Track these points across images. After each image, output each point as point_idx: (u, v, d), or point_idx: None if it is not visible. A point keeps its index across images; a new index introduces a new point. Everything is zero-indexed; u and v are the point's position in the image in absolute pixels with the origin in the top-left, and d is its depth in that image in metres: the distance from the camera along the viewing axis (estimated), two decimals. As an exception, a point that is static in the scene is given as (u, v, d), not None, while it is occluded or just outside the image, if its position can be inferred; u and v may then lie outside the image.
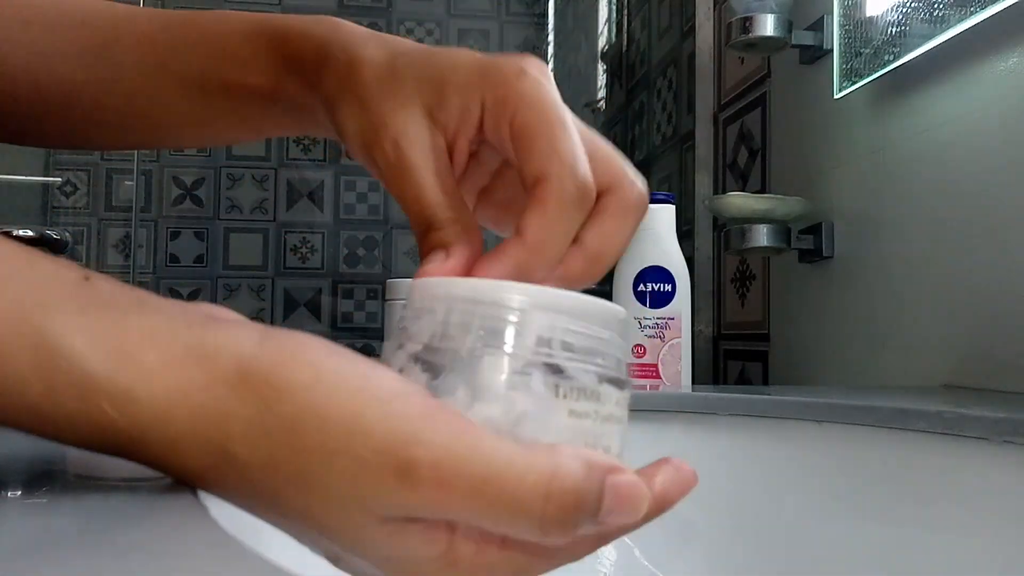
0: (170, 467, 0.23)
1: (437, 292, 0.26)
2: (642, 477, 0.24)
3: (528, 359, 0.25)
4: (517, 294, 0.25)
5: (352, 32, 0.35)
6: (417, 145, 0.32)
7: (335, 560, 0.25)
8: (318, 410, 0.22)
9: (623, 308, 0.28)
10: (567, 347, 0.25)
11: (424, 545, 0.23)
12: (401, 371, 0.26)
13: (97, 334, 0.22)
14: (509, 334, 0.25)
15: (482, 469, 0.21)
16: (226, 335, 0.23)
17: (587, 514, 0.22)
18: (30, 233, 1.27)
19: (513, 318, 0.25)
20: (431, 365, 0.25)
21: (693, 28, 1.33)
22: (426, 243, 0.31)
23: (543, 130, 0.30)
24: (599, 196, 0.31)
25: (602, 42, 1.98)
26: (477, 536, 0.23)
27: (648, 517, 0.25)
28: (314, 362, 0.22)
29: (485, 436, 0.22)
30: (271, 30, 0.37)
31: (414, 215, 0.32)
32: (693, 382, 0.91)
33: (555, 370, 0.25)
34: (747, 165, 1.19)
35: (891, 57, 0.80)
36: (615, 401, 0.26)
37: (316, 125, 0.37)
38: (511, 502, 0.21)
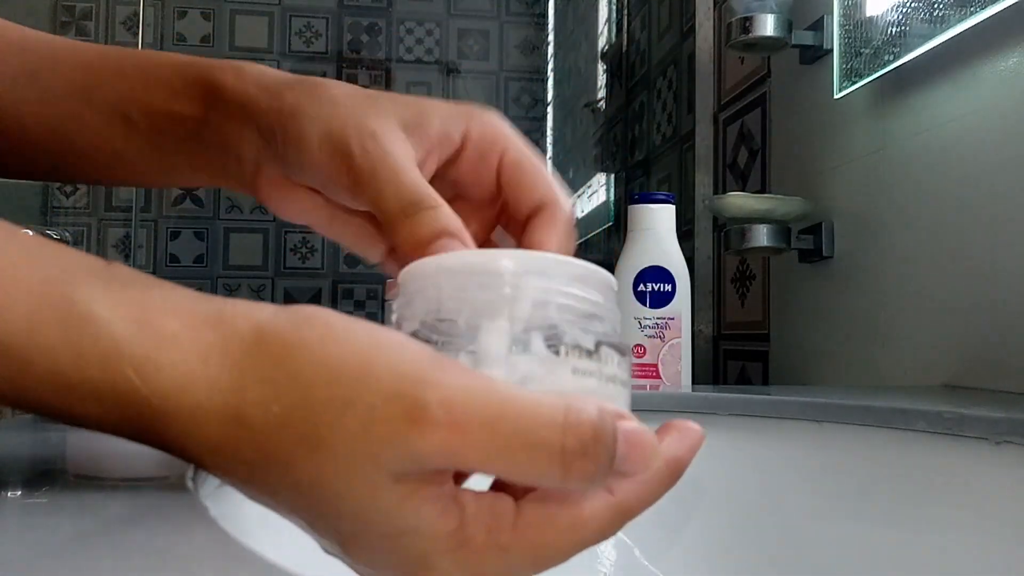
0: (187, 444, 0.23)
1: (427, 271, 0.26)
2: None
3: (526, 323, 0.25)
4: (509, 261, 0.25)
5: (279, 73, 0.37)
6: (395, 140, 0.33)
7: (344, 547, 0.24)
8: (328, 362, 0.22)
9: (615, 278, 0.28)
10: (564, 310, 0.25)
11: (437, 517, 0.22)
12: None
13: (122, 304, 0.23)
14: (505, 301, 0.25)
15: (495, 406, 0.21)
16: (244, 306, 0.24)
17: (607, 448, 0.22)
18: (30, 233, 1.26)
19: (508, 285, 0.25)
20: (429, 339, 0.25)
21: (693, 28, 1.33)
22: (415, 225, 0.31)
23: (534, 166, 0.35)
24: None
25: (602, 42, 1.98)
26: (489, 517, 0.23)
27: (667, 483, 0.25)
28: (327, 322, 0.23)
29: (494, 380, 0.22)
30: (205, 64, 0.38)
31: (394, 198, 0.32)
32: (693, 382, 0.91)
33: (554, 332, 0.25)
34: (747, 165, 1.19)
35: (891, 57, 0.80)
36: (616, 363, 0.26)
37: (238, 162, 0.37)
38: (528, 436, 0.21)
